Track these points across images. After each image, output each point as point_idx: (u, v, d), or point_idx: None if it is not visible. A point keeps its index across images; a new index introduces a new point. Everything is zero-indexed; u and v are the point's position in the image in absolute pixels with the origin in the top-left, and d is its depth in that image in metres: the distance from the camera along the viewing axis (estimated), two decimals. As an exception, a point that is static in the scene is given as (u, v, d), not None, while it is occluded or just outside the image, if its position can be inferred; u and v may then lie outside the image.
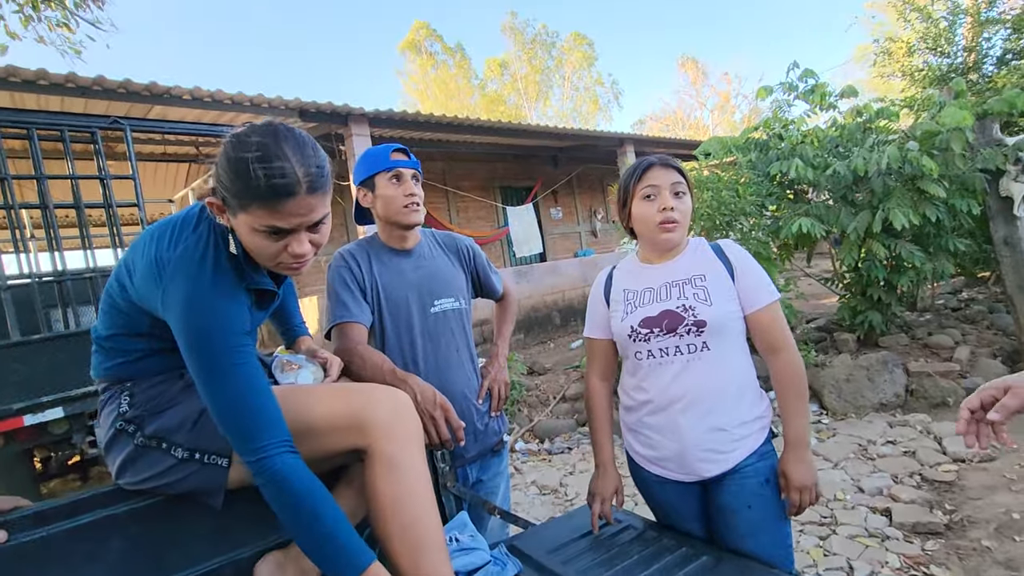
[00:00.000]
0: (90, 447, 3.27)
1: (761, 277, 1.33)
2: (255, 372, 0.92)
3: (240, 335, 0.92)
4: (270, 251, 0.91)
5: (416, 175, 1.54)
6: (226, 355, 0.89)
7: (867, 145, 4.28)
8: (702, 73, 26.57)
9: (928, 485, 2.87)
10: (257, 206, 0.86)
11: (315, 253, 0.95)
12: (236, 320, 0.92)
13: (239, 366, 0.90)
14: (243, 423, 0.88)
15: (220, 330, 0.90)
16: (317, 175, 0.89)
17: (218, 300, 0.91)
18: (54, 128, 2.94)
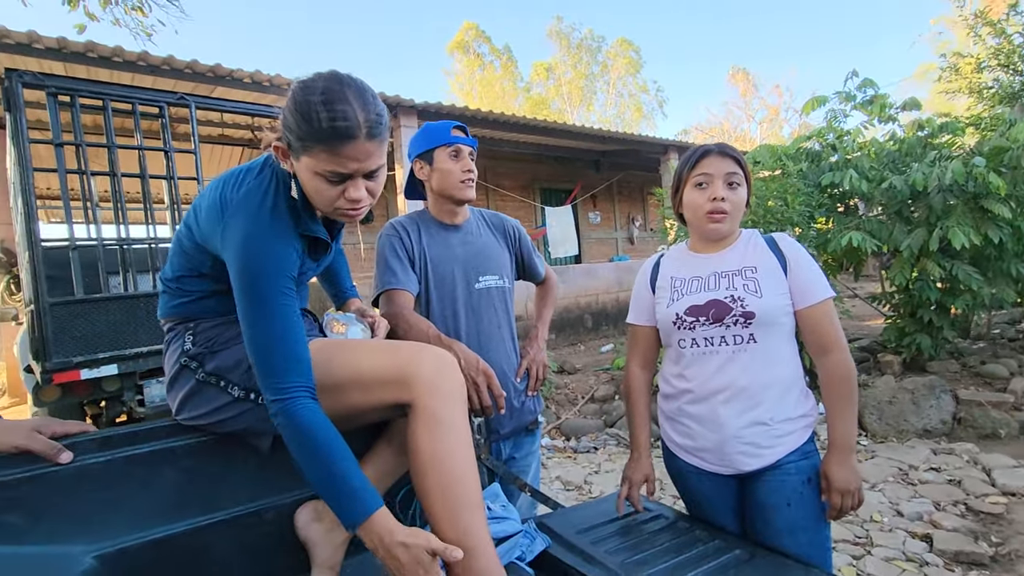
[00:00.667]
0: (138, 406, 3.43)
1: (816, 273, 1.29)
2: (293, 316, 0.96)
3: (286, 278, 0.96)
4: (329, 195, 0.94)
5: (473, 153, 1.57)
6: (270, 294, 0.94)
7: (928, 160, 4.11)
8: (752, 85, 26.00)
9: (973, 515, 2.73)
10: (319, 148, 0.89)
11: (371, 203, 0.99)
12: (285, 263, 0.96)
13: (280, 307, 0.94)
14: (273, 361, 0.93)
15: (269, 270, 0.94)
16: (376, 122, 0.92)
17: (272, 241, 0.95)
18: (127, 100, 3.10)
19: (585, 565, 1.13)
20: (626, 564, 1.12)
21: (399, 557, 0.87)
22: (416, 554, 0.87)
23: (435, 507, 0.93)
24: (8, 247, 6.01)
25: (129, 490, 1.01)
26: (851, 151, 4.56)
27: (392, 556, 0.88)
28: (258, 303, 0.94)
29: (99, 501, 0.98)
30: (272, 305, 0.94)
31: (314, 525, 1.11)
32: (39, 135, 3.03)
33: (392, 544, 0.87)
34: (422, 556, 0.87)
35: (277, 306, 0.94)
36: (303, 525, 1.11)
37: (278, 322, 0.93)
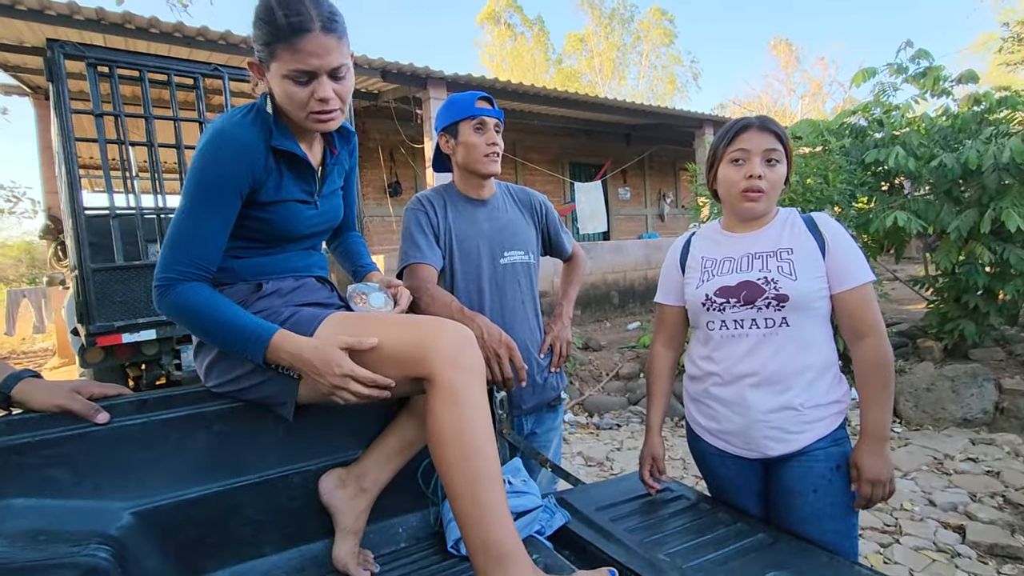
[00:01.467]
0: (175, 370, 3.58)
1: (856, 255, 1.23)
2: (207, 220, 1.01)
3: (223, 186, 1.00)
4: (299, 98, 1.00)
5: (499, 125, 1.54)
6: (197, 194, 1.00)
7: (983, 136, 3.87)
8: (795, 58, 24.81)
9: (1011, 508, 2.64)
10: (282, 48, 0.96)
11: (341, 107, 1.04)
12: (230, 170, 1.00)
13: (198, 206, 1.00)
14: (165, 252, 1.00)
15: (209, 172, 1.00)
16: (330, 17, 0.98)
17: (226, 144, 1.00)
18: (163, 71, 3.15)
19: (603, 542, 1.13)
20: (645, 543, 1.12)
21: (312, 361, 0.96)
22: (326, 352, 0.95)
23: (454, 480, 0.93)
24: (55, 215, 6.26)
25: (164, 451, 1.05)
26: (899, 127, 4.33)
27: (306, 362, 0.96)
28: (185, 199, 1.01)
29: (137, 461, 1.03)
30: (194, 207, 1.00)
31: (337, 492, 1.14)
32: (80, 106, 3.10)
33: (304, 351, 0.96)
34: (332, 352, 0.95)
35: (198, 208, 1.00)
36: (327, 491, 1.14)
37: (192, 221, 1.00)
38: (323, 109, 1.02)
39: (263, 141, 1.04)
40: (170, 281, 0.99)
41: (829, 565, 1.02)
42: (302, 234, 1.16)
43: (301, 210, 1.13)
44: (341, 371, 0.95)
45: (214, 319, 0.99)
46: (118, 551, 0.92)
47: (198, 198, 1.00)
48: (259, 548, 1.12)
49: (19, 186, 26.74)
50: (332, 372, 0.95)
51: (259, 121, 1.05)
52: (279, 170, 1.08)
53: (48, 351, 9.86)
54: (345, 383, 0.95)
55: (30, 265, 23.57)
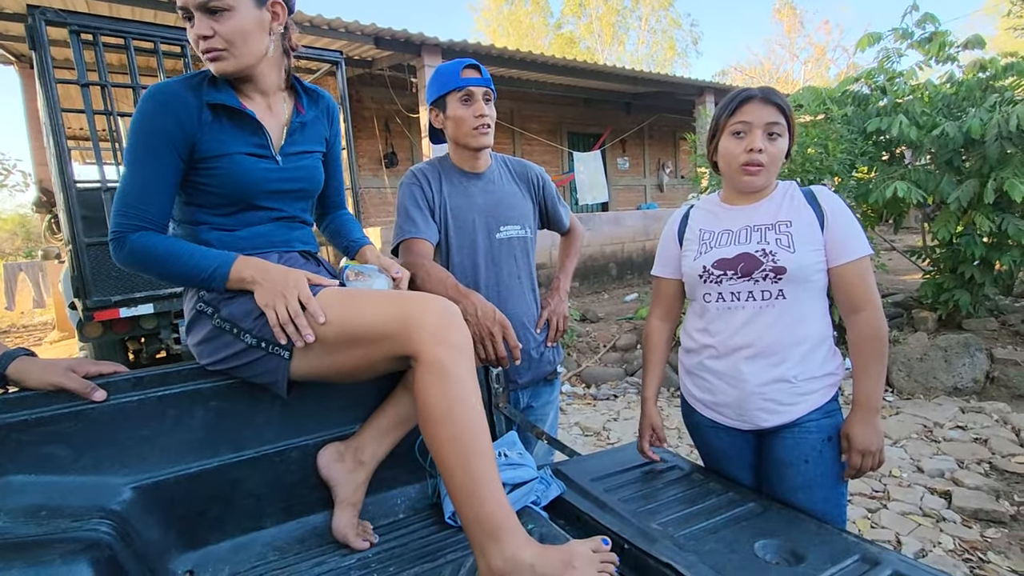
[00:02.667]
0: (175, 343, 3.59)
1: (854, 229, 1.22)
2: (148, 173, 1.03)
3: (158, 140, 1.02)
4: (192, 37, 1.03)
5: (488, 93, 1.49)
6: (136, 149, 1.03)
7: (987, 104, 3.81)
8: (799, 22, 24.18)
9: (997, 474, 2.70)
10: None
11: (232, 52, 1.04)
12: (161, 124, 1.03)
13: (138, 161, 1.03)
14: (113, 211, 1.04)
15: (140, 126, 1.02)
16: None
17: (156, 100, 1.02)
18: (148, 38, 3.05)
19: (598, 511, 1.16)
20: (639, 512, 1.14)
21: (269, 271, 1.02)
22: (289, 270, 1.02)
23: (445, 457, 0.93)
24: (47, 187, 6.18)
25: (162, 428, 1.06)
26: (902, 94, 4.25)
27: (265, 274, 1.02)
28: (126, 157, 1.04)
29: (135, 437, 1.04)
30: (135, 162, 1.03)
31: (336, 465, 1.15)
32: (66, 75, 3.02)
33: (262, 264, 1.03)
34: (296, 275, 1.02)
35: (139, 163, 1.02)
36: (325, 465, 1.16)
37: (135, 175, 1.03)
38: (204, 48, 1.03)
39: (195, 96, 1.06)
40: (120, 234, 1.03)
41: (817, 533, 1.04)
42: (264, 191, 1.13)
43: (252, 163, 1.11)
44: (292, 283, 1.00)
45: (170, 256, 1.02)
46: (120, 525, 0.94)
47: (135, 154, 1.03)
48: (260, 520, 1.14)
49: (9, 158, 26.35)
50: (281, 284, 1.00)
51: (196, 79, 1.07)
52: (219, 124, 1.08)
53: (48, 325, 9.88)
54: (290, 292, 0.99)
55: (25, 238, 23.40)
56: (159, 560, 1.00)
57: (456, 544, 1.11)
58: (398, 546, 1.12)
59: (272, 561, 1.09)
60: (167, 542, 1.03)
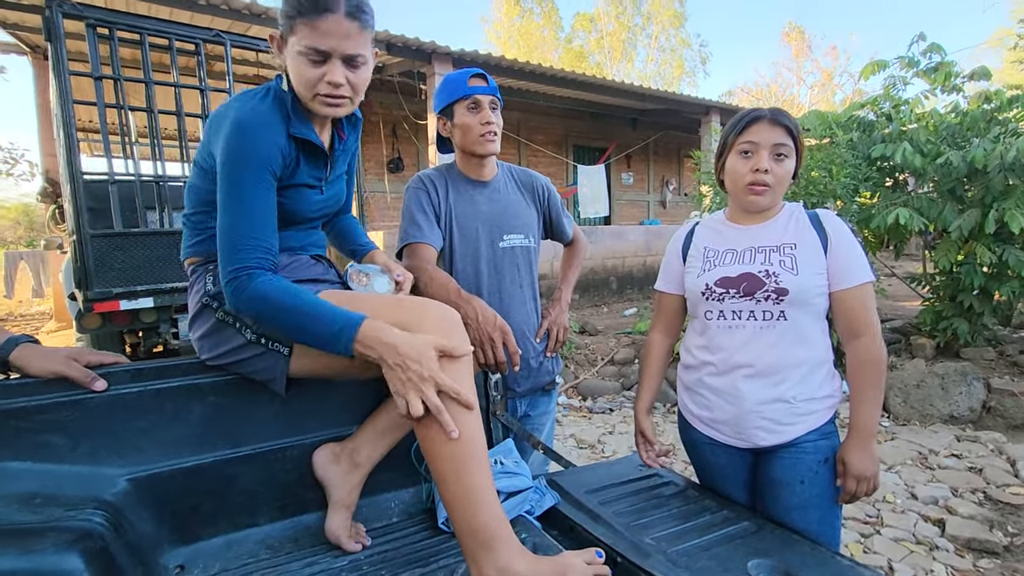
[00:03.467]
0: (173, 338, 3.59)
1: (857, 254, 1.23)
2: (261, 204, 0.99)
3: (264, 169, 0.99)
4: (309, 76, 0.99)
5: (495, 101, 1.51)
6: (245, 182, 0.97)
7: (991, 135, 3.84)
8: (807, 46, 24.42)
9: (992, 504, 2.69)
10: (301, 23, 0.96)
11: (353, 97, 1.04)
12: (266, 152, 0.99)
13: (252, 196, 0.98)
14: (231, 242, 0.97)
15: (247, 157, 0.97)
16: (358, 7, 0.98)
17: (255, 129, 0.99)
18: (163, 35, 3.08)
19: (591, 523, 1.15)
20: (632, 526, 1.14)
21: (403, 351, 0.89)
22: (421, 348, 0.89)
23: (440, 464, 0.93)
24: (53, 177, 6.20)
25: (159, 420, 1.06)
26: (907, 122, 4.28)
27: (398, 354, 0.89)
28: (232, 189, 0.97)
29: (133, 429, 1.04)
30: (245, 192, 0.98)
31: (331, 467, 1.15)
32: (79, 67, 3.05)
33: (396, 340, 0.90)
34: (426, 349, 0.90)
35: (249, 194, 0.98)
36: (320, 466, 1.15)
37: (245, 205, 0.97)
38: (332, 93, 1.00)
39: (284, 127, 1.03)
40: (243, 272, 0.95)
41: (811, 554, 1.04)
42: (307, 218, 1.16)
43: (310, 195, 1.13)
44: (429, 373, 0.89)
45: (296, 308, 0.93)
46: (113, 516, 0.93)
47: (244, 183, 0.97)
48: (253, 518, 1.14)
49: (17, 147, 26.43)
50: (419, 370, 0.89)
51: (277, 105, 1.04)
52: (296, 157, 1.07)
53: (45, 315, 9.87)
54: (427, 385, 0.89)
55: (28, 228, 23.42)
56: (151, 553, 0.99)
57: (449, 550, 1.10)
58: (391, 549, 1.11)
59: (264, 559, 1.08)
60: (159, 535, 1.03)
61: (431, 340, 0.91)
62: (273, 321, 0.97)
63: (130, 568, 0.91)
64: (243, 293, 0.95)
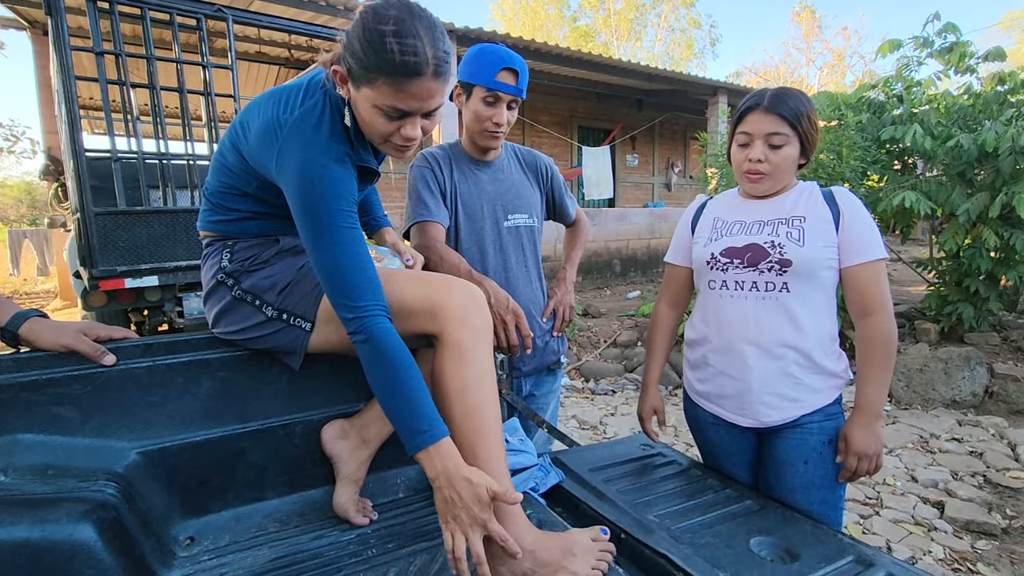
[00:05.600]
0: (178, 317, 3.60)
1: (870, 230, 1.22)
2: (360, 239, 0.96)
3: (349, 202, 0.95)
4: (384, 130, 0.93)
5: (515, 101, 1.47)
6: (337, 218, 0.93)
7: (1003, 118, 3.79)
8: (817, 26, 23.97)
9: (991, 488, 2.71)
10: (383, 81, 0.88)
11: (422, 139, 0.98)
12: (347, 187, 0.95)
13: (347, 230, 0.93)
14: (348, 283, 0.92)
15: (332, 194, 0.93)
16: (444, 59, 0.90)
17: (332, 165, 0.94)
18: (165, 10, 3.04)
19: (595, 501, 1.17)
20: (636, 504, 1.15)
21: (460, 490, 0.85)
22: (478, 491, 0.86)
23: (455, 435, 0.95)
24: (55, 155, 6.17)
25: (170, 395, 1.07)
26: (919, 104, 4.22)
27: (453, 488, 0.86)
28: (323, 228, 0.93)
29: (143, 403, 1.05)
30: (337, 229, 0.93)
31: (340, 442, 1.16)
32: (80, 43, 3.01)
33: (456, 475, 0.86)
34: (483, 494, 0.86)
35: (342, 230, 0.93)
36: (329, 441, 1.17)
37: (348, 245, 0.93)
38: (405, 144, 0.96)
39: (351, 155, 0.99)
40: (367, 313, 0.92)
41: (813, 532, 1.05)
42: None
43: None
44: (483, 516, 0.86)
45: (405, 380, 0.90)
46: (125, 488, 0.95)
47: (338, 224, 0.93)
48: (261, 492, 1.15)
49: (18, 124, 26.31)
50: (471, 512, 0.85)
51: (342, 135, 0.98)
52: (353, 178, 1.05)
53: (50, 293, 9.92)
54: (475, 529, 0.86)
55: (30, 206, 23.41)
56: (161, 525, 1.01)
57: (454, 525, 1.12)
58: (397, 524, 1.13)
59: (272, 532, 1.10)
60: (170, 508, 1.04)
61: (490, 484, 0.87)
62: (375, 373, 0.92)
63: (141, 539, 0.93)
64: (366, 334, 0.91)
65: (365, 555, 1.02)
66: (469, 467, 0.88)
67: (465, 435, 0.94)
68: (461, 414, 0.94)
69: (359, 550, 1.04)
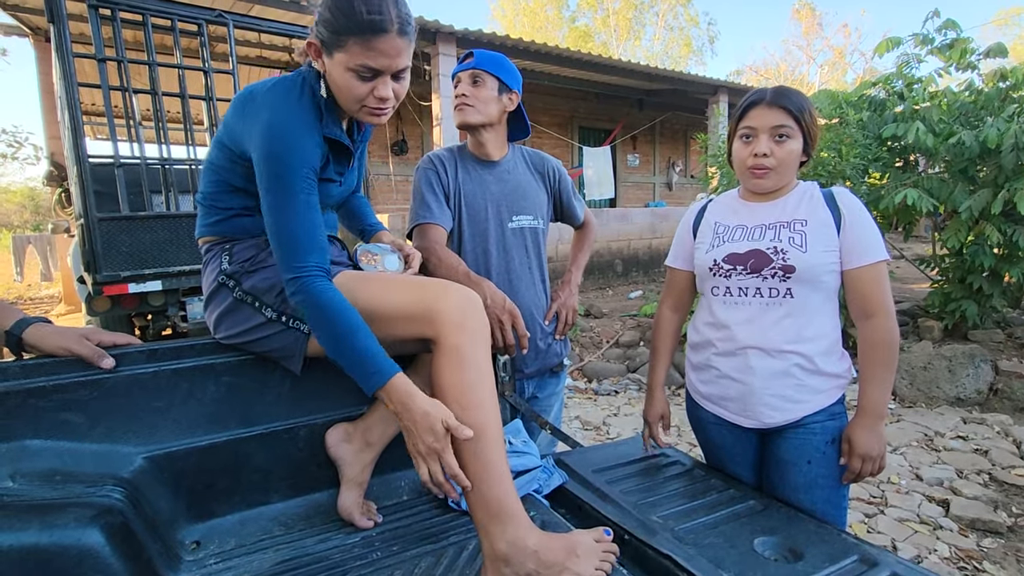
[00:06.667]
0: (181, 321, 3.62)
1: (871, 232, 1.22)
2: (312, 205, 1.00)
3: (308, 169, 1.00)
4: (358, 92, 0.99)
5: (476, 75, 1.51)
6: (291, 180, 0.98)
7: (1005, 115, 3.77)
8: (817, 24, 23.95)
9: (996, 485, 2.70)
10: (354, 41, 0.95)
11: (395, 105, 1.04)
12: (308, 153, 1.00)
13: (300, 194, 0.98)
14: (291, 242, 0.98)
15: (291, 158, 0.98)
16: (407, 19, 0.98)
17: (296, 128, 0.99)
18: (166, 16, 3.05)
19: (599, 502, 1.17)
20: (639, 505, 1.15)
21: (416, 422, 0.92)
22: (433, 422, 0.92)
23: (455, 439, 0.95)
24: (58, 161, 6.20)
25: (175, 400, 1.07)
26: (920, 101, 4.21)
27: (411, 419, 0.93)
28: (280, 190, 0.98)
29: (148, 408, 1.05)
30: (294, 192, 0.98)
31: (344, 445, 1.17)
32: (82, 49, 3.03)
33: (412, 408, 0.93)
34: (436, 425, 0.92)
35: (299, 194, 0.98)
36: (333, 444, 1.17)
37: (299, 207, 0.98)
38: (379, 106, 1.01)
39: (319, 127, 1.04)
40: (305, 272, 0.97)
41: (817, 532, 1.05)
42: (324, 206, 1.16)
43: (331, 188, 1.14)
44: (437, 445, 0.92)
45: (348, 330, 0.95)
46: (131, 493, 0.95)
47: (293, 186, 0.98)
48: (267, 495, 1.16)
49: (21, 131, 26.43)
50: (428, 441, 0.91)
51: (312, 104, 1.04)
52: (325, 155, 1.08)
53: (54, 298, 9.96)
54: (431, 456, 0.92)
55: (34, 211, 23.51)
56: (168, 529, 1.02)
57: (459, 527, 1.12)
58: (402, 527, 1.14)
59: (278, 535, 1.10)
60: (176, 512, 1.05)
61: (444, 416, 0.93)
62: (319, 330, 0.98)
63: (149, 543, 0.94)
64: (303, 294, 0.96)
65: (370, 558, 1.03)
66: (428, 399, 0.94)
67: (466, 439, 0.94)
68: (460, 418, 0.94)
69: (364, 553, 1.04)
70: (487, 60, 1.52)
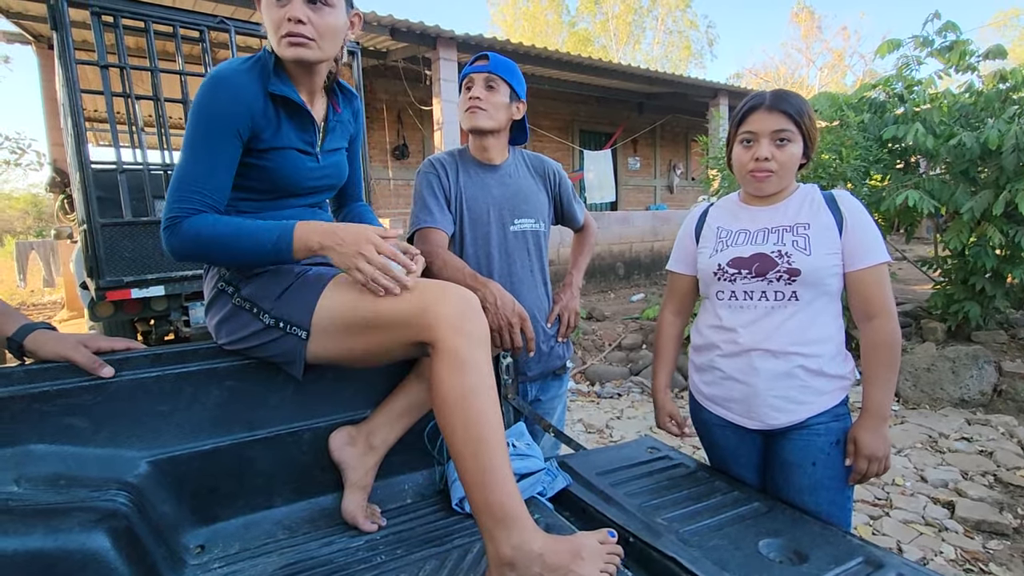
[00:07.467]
0: (184, 326, 3.62)
1: (873, 235, 1.22)
2: (215, 156, 1.01)
3: (227, 124, 1.01)
4: (275, 19, 1.02)
5: (491, 79, 1.51)
6: (203, 131, 1.00)
7: (1006, 116, 3.77)
8: (816, 27, 23.98)
9: (1002, 487, 2.69)
10: None
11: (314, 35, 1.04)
12: (231, 108, 1.01)
13: (205, 143, 1.00)
14: (173, 192, 0.99)
15: (208, 111, 1.00)
16: None
17: (225, 84, 1.01)
18: (168, 22, 3.07)
19: (603, 504, 1.17)
20: (644, 507, 1.15)
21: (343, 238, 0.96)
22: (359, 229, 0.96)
23: (458, 444, 0.94)
24: (61, 167, 6.23)
25: (179, 404, 1.07)
26: (920, 103, 4.21)
27: (339, 238, 0.97)
28: (190, 139, 1.01)
29: (152, 413, 1.05)
30: (201, 143, 1.00)
31: (347, 449, 1.17)
32: (85, 56, 3.04)
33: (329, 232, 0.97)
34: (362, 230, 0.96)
35: (206, 145, 1.00)
36: (337, 448, 1.17)
37: (200, 157, 1.00)
38: (292, 31, 1.01)
39: (261, 86, 1.05)
40: (176, 219, 0.98)
41: (822, 534, 1.05)
42: (304, 187, 1.15)
43: (302, 160, 1.13)
44: (367, 239, 0.96)
45: (232, 235, 0.97)
46: (136, 497, 0.95)
47: (198, 140, 1.00)
48: (270, 499, 1.16)
49: (24, 137, 26.57)
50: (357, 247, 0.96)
51: (258, 67, 1.06)
52: (277, 117, 1.08)
53: (57, 304, 9.98)
54: (369, 250, 0.96)
55: (37, 217, 23.60)
56: (172, 533, 1.02)
57: (463, 530, 1.12)
58: (406, 530, 1.13)
59: (281, 539, 1.10)
60: (180, 516, 1.05)
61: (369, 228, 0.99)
62: (215, 255, 1.00)
63: (153, 547, 0.94)
64: (174, 237, 0.98)
65: (374, 561, 1.03)
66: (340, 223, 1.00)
67: (467, 443, 0.93)
68: (463, 422, 0.93)
69: (368, 556, 1.04)
70: (502, 66, 1.52)
